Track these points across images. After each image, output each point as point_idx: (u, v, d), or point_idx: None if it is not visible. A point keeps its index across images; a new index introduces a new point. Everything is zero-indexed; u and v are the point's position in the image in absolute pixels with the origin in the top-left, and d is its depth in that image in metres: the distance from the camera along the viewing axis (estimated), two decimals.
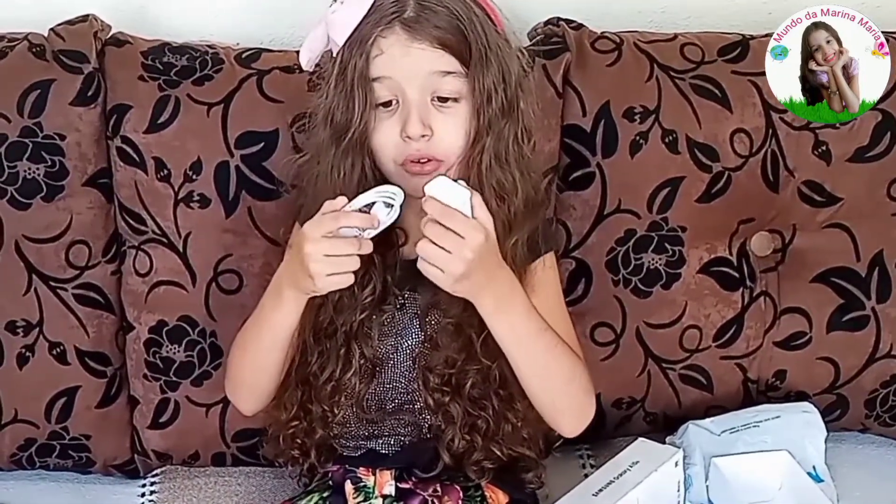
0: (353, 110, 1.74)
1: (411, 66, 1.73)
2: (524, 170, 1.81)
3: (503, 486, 1.90)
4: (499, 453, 1.87)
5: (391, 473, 1.88)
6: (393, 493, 1.86)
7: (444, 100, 1.74)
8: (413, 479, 1.87)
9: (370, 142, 1.76)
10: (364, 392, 1.86)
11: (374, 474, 1.88)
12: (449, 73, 1.73)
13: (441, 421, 1.86)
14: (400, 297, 1.85)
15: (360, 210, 1.69)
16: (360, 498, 1.86)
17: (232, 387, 1.93)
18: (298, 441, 1.91)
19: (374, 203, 1.70)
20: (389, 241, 1.79)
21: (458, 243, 1.66)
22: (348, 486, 1.87)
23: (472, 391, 1.85)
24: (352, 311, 1.82)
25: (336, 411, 1.87)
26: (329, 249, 1.67)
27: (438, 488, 1.86)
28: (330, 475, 1.91)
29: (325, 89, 1.78)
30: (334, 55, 1.75)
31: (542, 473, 1.96)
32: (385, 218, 1.70)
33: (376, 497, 1.86)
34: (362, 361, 1.84)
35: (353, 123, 1.74)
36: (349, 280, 1.69)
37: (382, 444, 1.91)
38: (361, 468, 1.89)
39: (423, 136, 1.73)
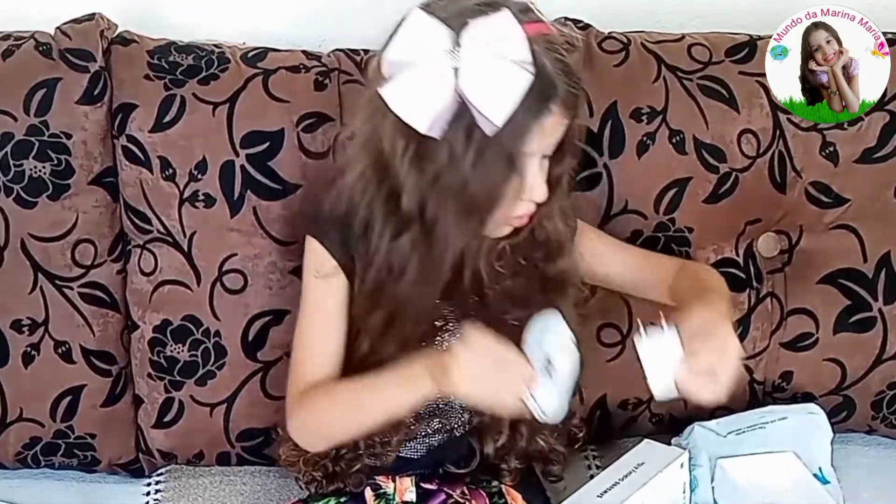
0: (500, 185, 1.67)
1: (552, 138, 1.69)
2: None
3: (523, 492, 1.90)
4: (543, 444, 1.89)
5: (411, 480, 1.87)
6: (414, 500, 1.85)
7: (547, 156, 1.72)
8: (437, 480, 1.87)
9: None
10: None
11: (394, 481, 1.88)
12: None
13: (488, 416, 1.86)
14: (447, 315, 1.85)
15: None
16: None
17: (309, 436, 1.85)
18: (325, 465, 1.89)
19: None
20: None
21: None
22: (368, 493, 1.86)
23: None
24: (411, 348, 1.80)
25: (394, 442, 1.87)
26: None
27: (466, 491, 1.86)
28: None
29: (457, 160, 1.65)
30: (476, 127, 1.63)
31: (565, 467, 1.97)
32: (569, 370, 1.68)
33: (396, 503, 1.86)
34: None
35: (498, 196, 1.68)
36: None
37: (410, 449, 1.91)
38: (381, 475, 1.88)
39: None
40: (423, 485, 1.87)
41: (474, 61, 1.60)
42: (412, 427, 1.87)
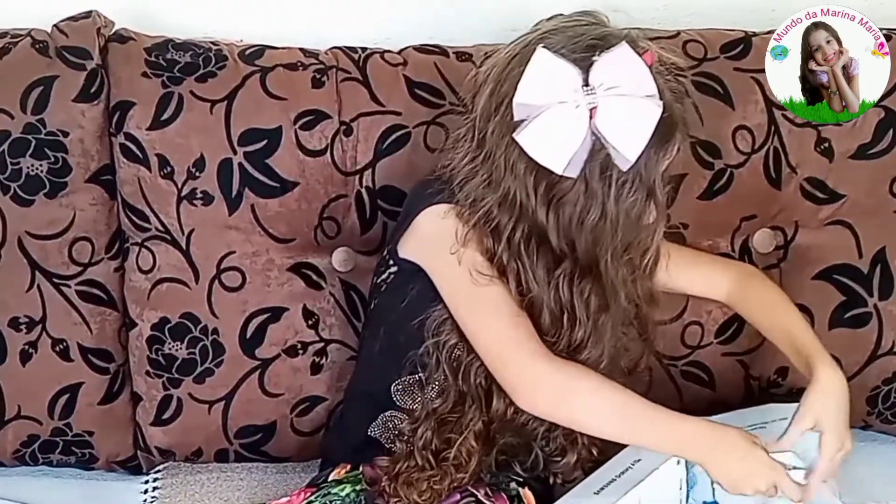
0: (643, 215, 1.72)
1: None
2: None
3: (535, 496, 1.90)
4: (595, 453, 1.89)
5: None
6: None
7: None
8: None
9: None
10: None
11: None
12: None
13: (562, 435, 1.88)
14: None
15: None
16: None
17: (552, 394, 1.74)
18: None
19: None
20: None
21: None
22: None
23: None
24: None
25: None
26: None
27: (489, 492, 1.85)
28: (361, 470, 1.90)
29: (596, 197, 1.70)
30: (611, 163, 1.68)
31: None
32: None
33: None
34: None
35: (643, 226, 1.74)
36: None
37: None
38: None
39: None
40: None
41: (608, 99, 1.64)
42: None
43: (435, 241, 1.79)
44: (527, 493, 1.89)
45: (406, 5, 2.20)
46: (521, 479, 1.90)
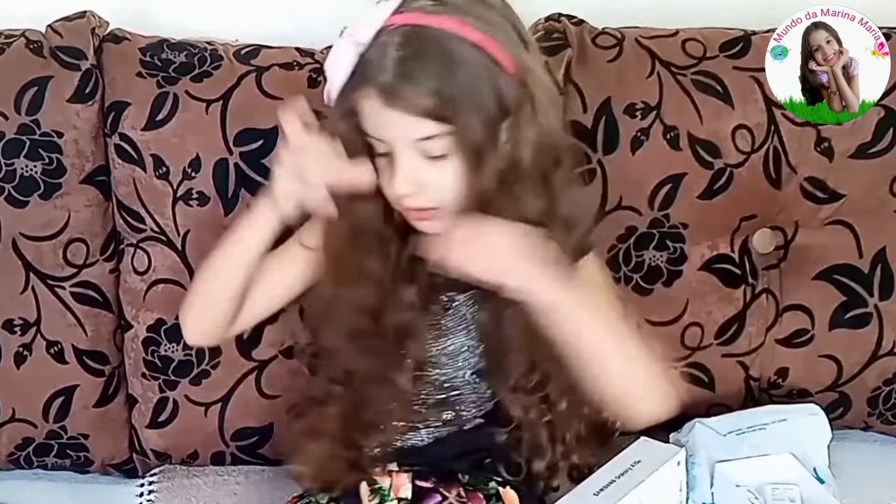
0: (349, 163, 1.72)
1: (392, 131, 1.67)
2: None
3: (519, 494, 1.89)
4: (577, 460, 1.88)
5: (408, 476, 1.86)
6: (409, 496, 1.84)
7: (434, 157, 1.68)
8: (434, 479, 1.86)
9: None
10: (412, 393, 1.84)
11: (391, 476, 1.86)
12: (431, 137, 1.66)
13: (528, 434, 1.86)
14: (446, 298, 1.83)
15: None
16: (377, 500, 1.83)
17: (186, 306, 1.86)
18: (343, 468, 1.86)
19: None
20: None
21: None
22: (363, 488, 1.85)
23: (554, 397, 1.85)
24: (397, 312, 1.78)
25: (393, 416, 1.85)
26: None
27: (462, 493, 1.84)
28: None
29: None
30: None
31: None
32: None
33: (392, 500, 1.83)
34: (411, 363, 1.81)
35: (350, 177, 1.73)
36: (310, 196, 1.73)
37: (416, 437, 1.89)
38: (377, 469, 1.87)
39: (407, 195, 1.70)
40: (418, 482, 1.86)
41: (339, 39, 1.70)
42: (422, 411, 1.87)
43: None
44: (507, 493, 1.87)
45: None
46: (500, 480, 1.89)
